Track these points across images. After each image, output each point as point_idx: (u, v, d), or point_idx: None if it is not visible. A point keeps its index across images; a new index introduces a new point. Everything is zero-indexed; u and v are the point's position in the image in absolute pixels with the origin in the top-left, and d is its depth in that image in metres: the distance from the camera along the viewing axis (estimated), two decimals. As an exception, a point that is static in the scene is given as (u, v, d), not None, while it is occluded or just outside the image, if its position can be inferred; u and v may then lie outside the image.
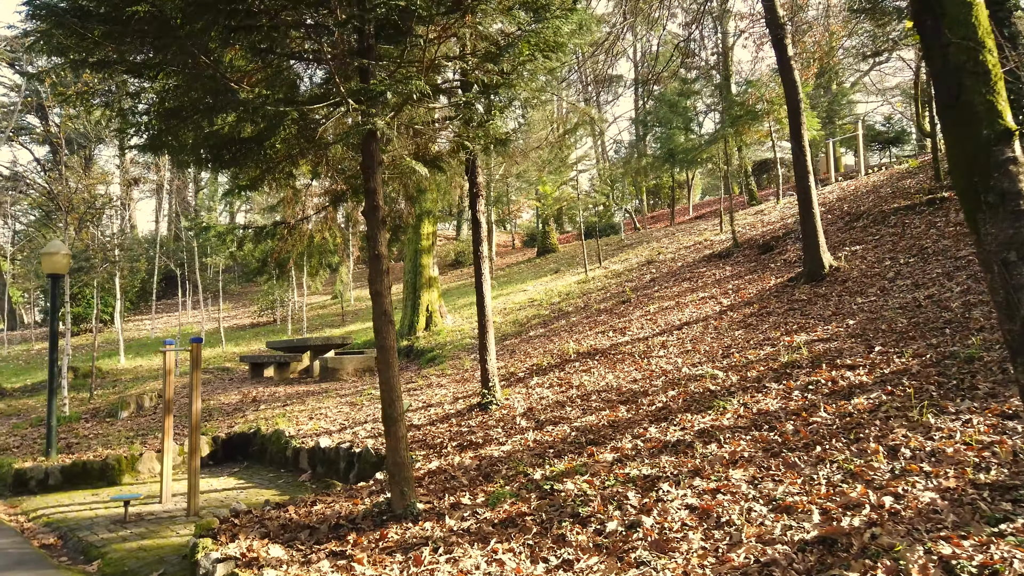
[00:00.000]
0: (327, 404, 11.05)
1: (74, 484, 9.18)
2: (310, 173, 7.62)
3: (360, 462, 8.16)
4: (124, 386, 15.40)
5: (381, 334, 5.54)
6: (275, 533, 5.36)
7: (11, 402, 15.29)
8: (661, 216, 37.72)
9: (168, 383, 8.21)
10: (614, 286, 15.13)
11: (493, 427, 7.58)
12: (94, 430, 11.72)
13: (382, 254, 5.62)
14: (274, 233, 8.88)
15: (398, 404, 5.50)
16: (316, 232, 9.21)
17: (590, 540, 4.38)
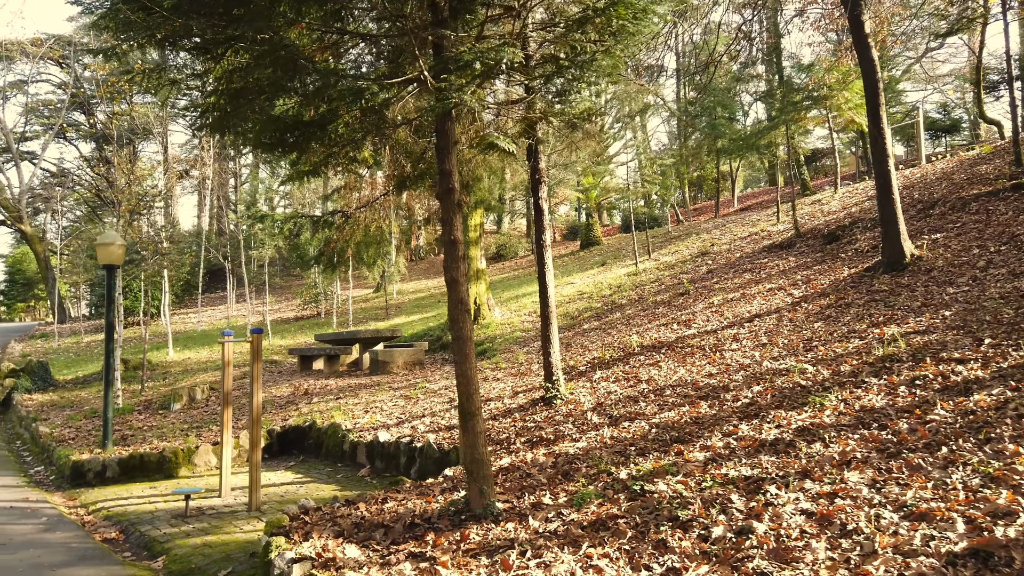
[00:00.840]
0: (381, 397, 10.83)
1: (131, 476, 9.09)
2: (371, 158, 7.36)
3: (422, 457, 7.90)
4: (174, 378, 15.42)
5: (457, 324, 5.24)
6: (349, 532, 5.10)
7: (64, 394, 15.41)
8: (704, 208, 36.97)
9: (226, 375, 8.04)
10: (668, 278, 14.68)
11: (562, 422, 7.25)
12: (148, 422, 11.68)
13: (458, 239, 5.32)
14: (331, 222, 8.66)
15: (476, 398, 5.20)
16: (371, 221, 8.97)
17: (695, 547, 4.02)
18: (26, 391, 15.56)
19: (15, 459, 10.85)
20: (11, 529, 6.87)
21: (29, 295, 47.84)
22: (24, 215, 30.86)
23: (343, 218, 8.68)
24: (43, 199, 36.74)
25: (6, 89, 37.41)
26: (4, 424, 13.86)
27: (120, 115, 39.81)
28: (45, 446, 10.98)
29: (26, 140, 39.92)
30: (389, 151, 7.14)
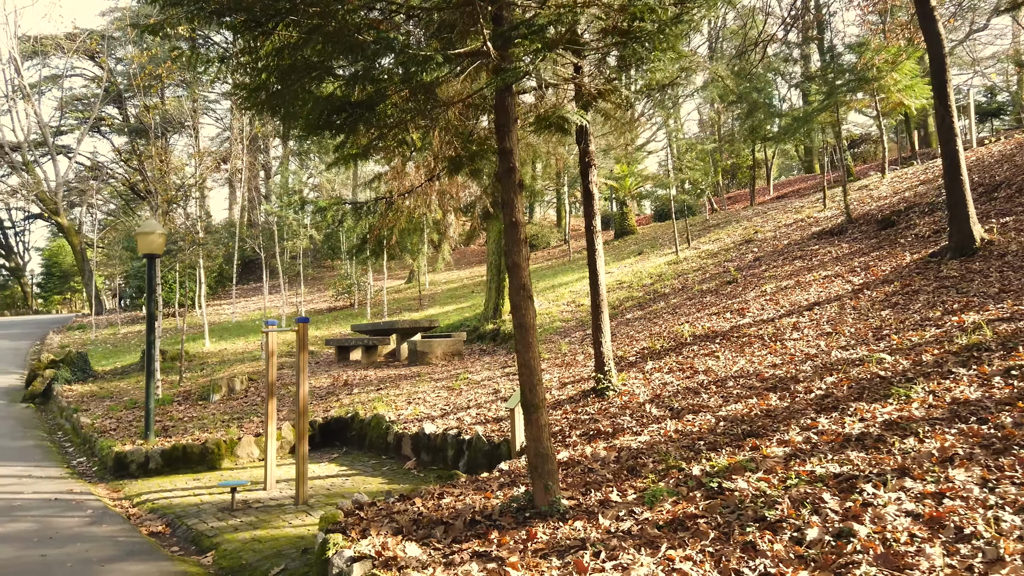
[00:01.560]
0: (423, 388, 10.61)
1: (174, 468, 8.98)
2: (418, 141, 7.10)
3: (470, 450, 7.66)
4: (212, 369, 15.38)
5: (520, 311, 4.96)
6: (407, 529, 4.86)
7: (103, 384, 15.45)
8: (738, 197, 36.26)
9: (271, 365, 7.86)
10: (712, 266, 14.27)
11: (618, 415, 6.95)
12: (188, 413, 11.60)
13: (520, 222, 5.03)
14: (375, 209, 8.43)
15: (539, 389, 4.92)
16: (414, 208, 8.72)
17: (788, 550, 3.71)
18: (66, 382, 15.63)
19: (57, 450, 10.83)
20: (58, 522, 6.76)
21: (65, 287, 48.61)
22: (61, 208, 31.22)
23: (386, 205, 8.45)
24: (78, 192, 37.19)
25: (41, 84, 37.86)
26: (45, 415, 13.91)
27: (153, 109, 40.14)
28: (87, 437, 10.95)
29: (61, 134, 40.42)
30: (438, 133, 6.87)
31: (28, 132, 36.51)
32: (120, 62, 40.71)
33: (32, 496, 7.80)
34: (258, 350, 17.03)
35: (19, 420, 13.06)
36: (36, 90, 36.72)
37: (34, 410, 14.27)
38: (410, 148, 6.93)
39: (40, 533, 6.36)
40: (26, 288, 49.66)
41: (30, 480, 8.62)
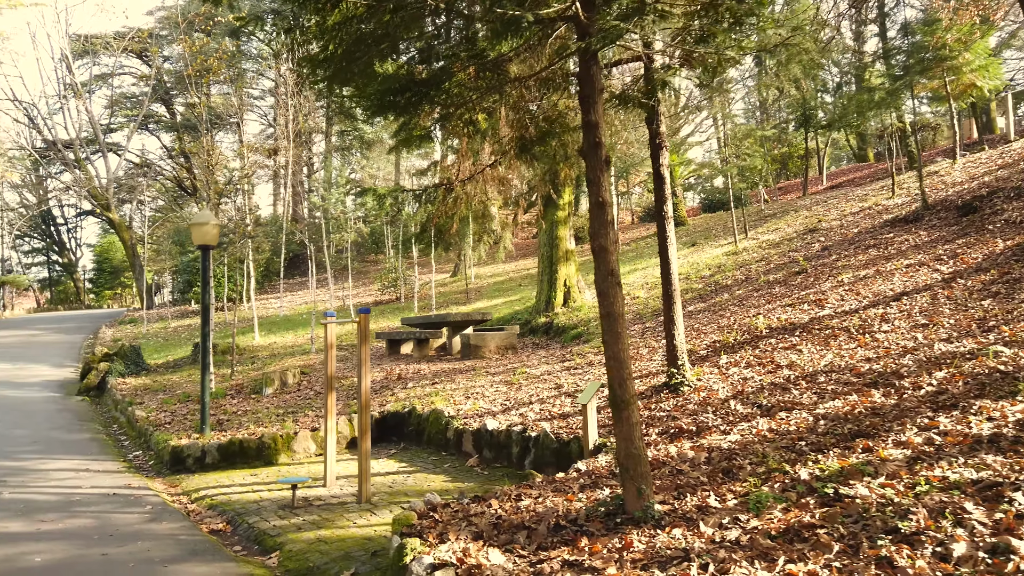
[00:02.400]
0: (480, 383, 10.29)
1: (231, 463, 8.80)
2: (483, 122, 6.74)
3: (537, 447, 7.29)
4: (262, 363, 15.30)
5: (608, 298, 4.56)
6: (488, 534, 4.51)
7: (156, 377, 15.49)
8: (789, 187, 35.23)
9: (330, 358, 7.59)
10: (776, 256, 13.66)
11: (698, 412, 6.51)
12: (241, 407, 11.46)
13: (606, 201, 4.63)
14: (434, 196, 8.10)
15: (630, 384, 4.52)
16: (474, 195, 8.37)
17: (933, 567, 3.25)
18: (120, 375, 15.71)
19: (113, 443, 10.77)
20: (117, 518, 6.58)
21: (115, 283, 49.63)
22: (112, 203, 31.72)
23: (446, 191, 8.12)
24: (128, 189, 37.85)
25: (92, 82, 38.58)
26: (100, 408, 13.96)
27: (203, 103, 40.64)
28: (142, 430, 10.87)
29: (111, 131, 41.19)
30: (504, 112, 6.50)
31: (80, 130, 37.25)
32: (167, 60, 41.32)
33: (90, 491, 7.67)
34: (307, 344, 16.93)
35: (75, 413, 13.11)
36: (87, 88, 37.41)
37: (89, 403, 14.34)
38: (476, 129, 6.58)
39: (100, 530, 6.18)
40: (79, 283, 50.87)
41: (88, 474, 8.52)
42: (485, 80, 5.89)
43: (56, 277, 53.16)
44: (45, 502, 7.17)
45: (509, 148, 6.52)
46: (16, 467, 8.86)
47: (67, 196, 47.44)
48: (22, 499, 7.29)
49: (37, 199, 44.42)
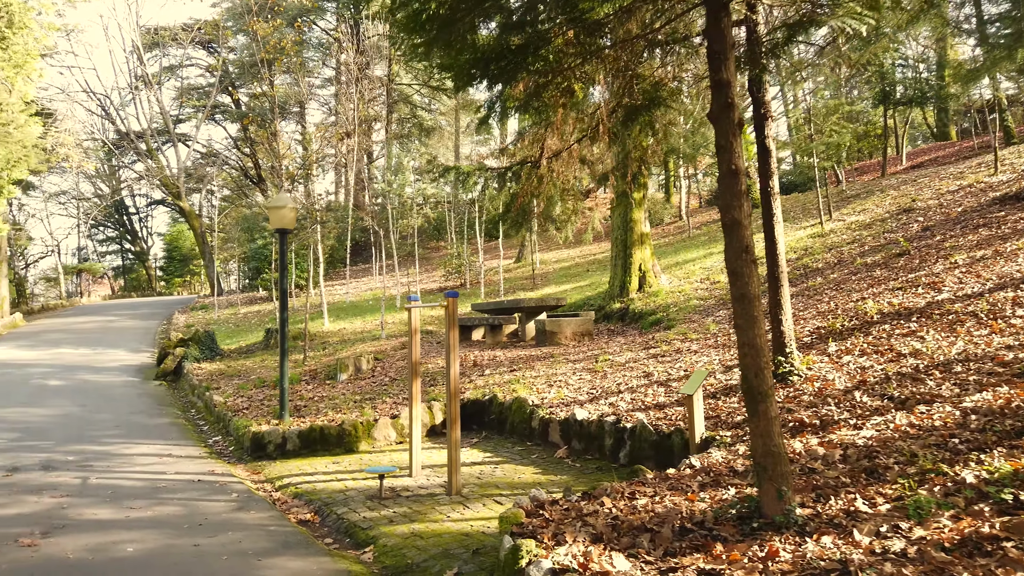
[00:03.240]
0: (560, 371, 9.90)
1: (312, 450, 8.64)
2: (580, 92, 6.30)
3: (633, 440, 6.86)
4: (334, 348, 15.25)
5: (742, 278, 4.09)
6: (607, 536, 4.11)
7: (230, 363, 15.60)
8: (864, 168, 33.63)
9: (414, 343, 7.31)
10: (869, 238, 12.84)
11: (817, 404, 5.97)
12: (317, 392, 11.35)
13: (739, 168, 4.15)
14: (519, 173, 7.72)
15: (767, 374, 4.05)
16: (561, 174, 7.94)
17: None
18: (195, 360, 15.88)
19: (193, 428, 10.79)
20: (205, 506, 6.44)
21: (185, 270, 50.98)
22: (182, 192, 32.40)
23: (532, 167, 7.71)
24: (197, 178, 38.68)
25: (161, 74, 39.47)
26: (177, 392, 14.10)
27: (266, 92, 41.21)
28: (220, 415, 10.86)
29: (180, 122, 42.13)
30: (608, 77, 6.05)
31: (151, 120, 38.18)
32: (232, 51, 41.96)
33: (175, 477, 7.59)
34: (377, 329, 16.83)
35: (154, 398, 13.26)
36: (157, 80, 38.29)
37: (167, 387, 14.52)
38: (573, 99, 6.14)
39: (189, 519, 6.03)
40: (150, 271, 52.48)
41: (171, 459, 8.47)
42: (585, 44, 5.46)
43: (129, 265, 54.97)
44: (132, 488, 7.11)
45: (611, 117, 6.06)
46: (101, 451, 8.89)
47: (139, 186, 48.90)
48: (109, 484, 7.24)
49: (111, 189, 45.87)
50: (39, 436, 9.75)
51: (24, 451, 8.86)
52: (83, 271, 50.41)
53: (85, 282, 50.43)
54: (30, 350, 19.21)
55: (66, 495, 6.82)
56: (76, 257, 53.00)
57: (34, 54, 22.79)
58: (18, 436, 9.77)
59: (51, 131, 25.80)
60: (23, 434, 9.89)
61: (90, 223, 49.84)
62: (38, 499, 6.68)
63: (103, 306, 34.73)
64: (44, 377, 14.98)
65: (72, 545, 5.32)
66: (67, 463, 8.23)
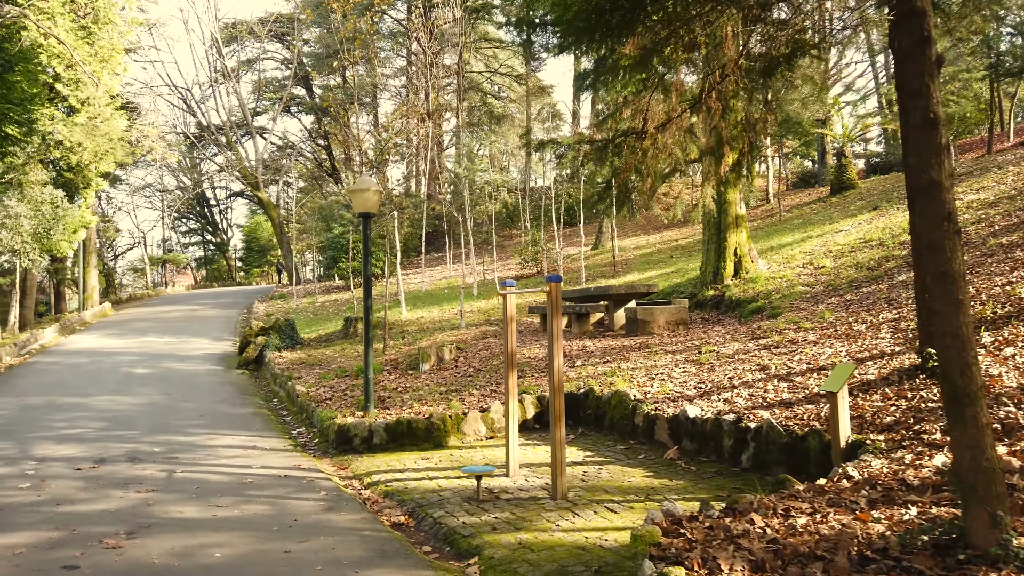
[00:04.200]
0: (660, 362, 9.17)
1: (399, 444, 8.19)
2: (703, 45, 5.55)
3: (758, 441, 6.10)
4: (412, 337, 14.89)
5: (940, 252, 3.31)
6: (770, 564, 3.42)
7: (310, 352, 15.44)
8: (966, 145, 31.33)
9: (510, 332, 6.74)
10: (998, 217, 11.58)
11: (991, 405, 5.09)
12: (400, 383, 10.96)
13: (938, 117, 3.37)
14: (622, 146, 7.02)
15: (975, 371, 3.27)
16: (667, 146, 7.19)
17: None
18: (276, 349, 15.81)
19: (276, 419, 10.55)
20: (293, 505, 6.04)
21: (263, 261, 52.16)
22: (260, 183, 32.86)
23: (637, 138, 7.00)
24: (273, 170, 39.29)
25: (239, 67, 40.19)
26: (259, 381, 14.01)
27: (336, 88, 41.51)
28: (303, 406, 10.59)
29: (257, 115, 42.88)
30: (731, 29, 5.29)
31: (229, 113, 38.94)
32: (307, 43, 42.41)
33: (261, 471, 7.26)
34: (456, 318, 16.41)
35: (236, 386, 13.17)
36: (235, 73, 38.98)
37: (248, 376, 14.46)
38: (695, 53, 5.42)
39: (277, 519, 5.63)
40: (230, 261, 53.92)
41: (256, 452, 8.17)
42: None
43: (210, 256, 56.64)
44: (218, 483, 6.79)
45: (738, 73, 5.30)
46: (186, 442, 8.68)
47: (219, 178, 50.18)
48: (195, 479, 6.95)
49: (192, 182, 47.18)
50: (126, 425, 9.66)
51: (112, 441, 8.73)
52: (167, 262, 52.19)
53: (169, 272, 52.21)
54: (118, 338, 19.64)
55: (152, 489, 6.54)
56: (161, 248, 54.97)
57: (119, 48, 23.27)
58: (106, 425, 9.70)
59: (135, 124, 26.40)
60: (111, 423, 9.82)
61: (173, 215, 51.49)
62: (124, 494, 6.42)
63: (186, 295, 35.70)
64: (131, 365, 15.16)
65: (157, 548, 4.96)
66: (153, 454, 8.02)
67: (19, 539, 5.18)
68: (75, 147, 21.91)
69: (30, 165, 21.36)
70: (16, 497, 6.35)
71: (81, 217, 23.07)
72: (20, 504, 6.11)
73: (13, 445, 8.63)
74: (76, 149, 22.07)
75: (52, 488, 6.64)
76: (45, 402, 11.40)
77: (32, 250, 21.02)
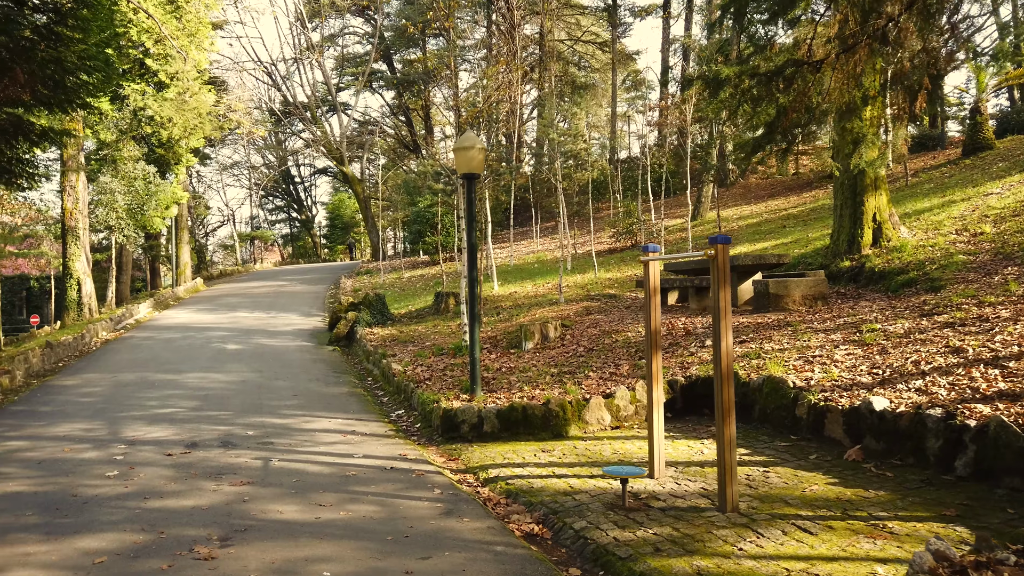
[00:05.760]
0: (811, 343, 7.89)
1: (513, 433, 7.24)
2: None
3: (982, 444, 4.82)
4: (508, 313, 13.97)
5: None
6: None
7: (402, 328, 14.75)
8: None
9: (652, 306, 5.63)
10: None
11: None
12: (503, 363, 10.04)
13: None
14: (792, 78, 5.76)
15: None
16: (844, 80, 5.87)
17: None
18: (367, 325, 15.20)
19: (372, 399, 9.82)
20: (406, 507, 5.16)
21: (346, 237, 52.48)
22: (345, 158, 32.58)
23: (812, 70, 5.72)
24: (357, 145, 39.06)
25: (322, 43, 40.00)
26: (351, 358, 13.40)
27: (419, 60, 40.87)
28: (400, 386, 9.81)
29: (340, 90, 42.73)
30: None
31: (314, 88, 38.85)
32: (388, 16, 41.85)
33: (364, 462, 6.45)
34: (553, 293, 15.39)
35: (328, 364, 12.58)
36: (319, 47, 38.82)
37: (340, 353, 13.88)
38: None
39: (391, 525, 4.75)
40: (315, 238, 54.55)
41: (356, 438, 7.40)
42: None
43: (296, 233, 57.51)
44: (318, 475, 6.01)
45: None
46: (281, 425, 8.01)
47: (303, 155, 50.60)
48: (293, 470, 6.20)
49: (277, 159, 47.67)
50: (218, 405, 9.10)
51: (204, 422, 8.15)
52: (255, 238, 53.22)
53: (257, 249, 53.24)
54: (210, 314, 19.56)
55: (247, 482, 5.81)
56: (249, 226, 56.10)
57: (205, 23, 23.07)
58: (198, 404, 9.17)
59: (223, 100, 26.36)
60: (203, 402, 9.29)
61: (260, 193, 52.34)
62: (217, 486, 5.71)
63: (274, 272, 36.03)
64: (223, 341, 14.84)
65: (256, 560, 4.15)
66: (247, 439, 7.35)
67: (101, 543, 4.48)
68: (165, 122, 21.89)
69: (123, 141, 21.45)
70: (103, 488, 5.72)
71: (173, 193, 23.16)
72: (106, 497, 5.47)
73: (104, 425, 8.16)
74: (167, 124, 22.06)
75: (141, 477, 6.01)
76: (138, 379, 11.04)
77: (127, 226, 21.17)
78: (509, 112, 20.07)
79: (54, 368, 12.60)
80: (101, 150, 22.79)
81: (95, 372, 11.77)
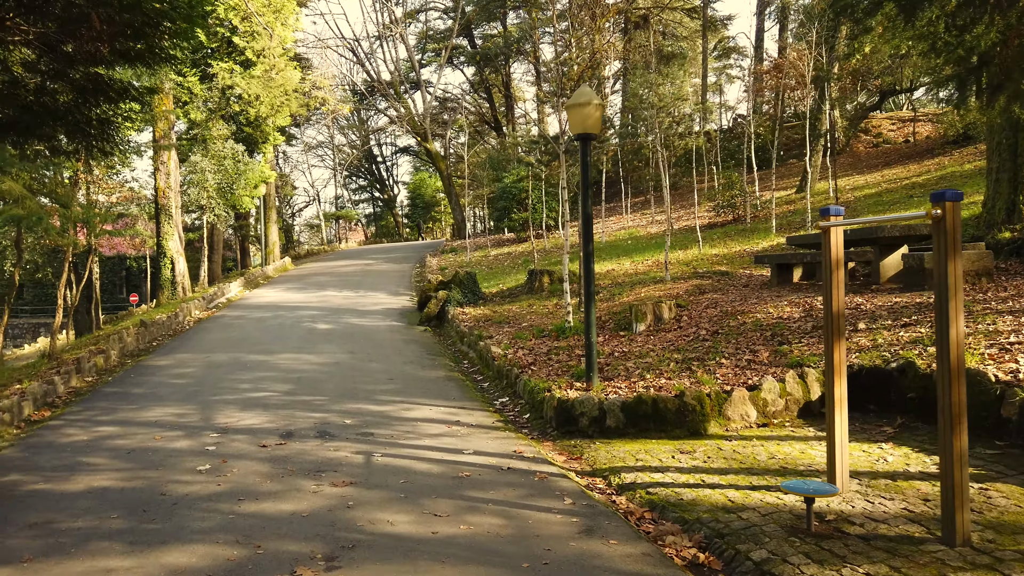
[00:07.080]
0: (1000, 327, 6.61)
1: (641, 429, 6.31)
2: None
3: None
4: (608, 292, 12.98)
5: None
6: None
7: (494, 308, 13.99)
8: None
9: (835, 283, 4.57)
10: None
11: None
12: (613, 347, 9.11)
13: None
14: None
15: None
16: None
17: None
18: (458, 304, 14.52)
19: (472, 384, 9.08)
20: (536, 520, 4.33)
21: (427, 216, 52.36)
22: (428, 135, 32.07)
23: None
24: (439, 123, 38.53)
25: (404, 19, 39.53)
26: (443, 339, 12.73)
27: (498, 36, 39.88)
28: (502, 371, 9.02)
29: (422, 67, 42.27)
30: None
31: (397, 64, 38.49)
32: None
33: (476, 460, 5.67)
34: (656, 270, 14.29)
35: (421, 345, 11.94)
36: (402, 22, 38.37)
37: (431, 334, 13.24)
38: None
39: (522, 546, 3.93)
40: (397, 218, 54.68)
41: (461, 430, 6.64)
42: None
43: (379, 212, 57.83)
44: (427, 475, 5.26)
45: None
46: (380, 413, 7.34)
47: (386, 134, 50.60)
48: (398, 467, 5.47)
49: (360, 139, 47.78)
50: (312, 389, 8.54)
51: (298, 408, 7.57)
52: (340, 218, 53.77)
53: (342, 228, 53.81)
54: (299, 292, 19.36)
55: (350, 482, 5.11)
56: (333, 205, 56.76)
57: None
58: (292, 388, 8.64)
59: (308, 77, 26.16)
60: (296, 386, 8.75)
61: (344, 173, 52.72)
62: (317, 486, 5.03)
63: (359, 251, 36.04)
64: (313, 320, 14.45)
65: (370, 594, 3.40)
66: (345, 428, 6.71)
67: (191, 558, 3.83)
68: (253, 100, 21.77)
69: (212, 120, 21.44)
70: (193, 485, 5.13)
71: (261, 172, 23.11)
72: (196, 497, 4.86)
73: (197, 410, 7.69)
74: (254, 102, 21.94)
75: (234, 473, 5.40)
76: (230, 359, 10.66)
77: (217, 205, 21.20)
78: (601, 79, 18.89)
79: (148, 347, 12.44)
80: (191, 129, 22.91)
81: (188, 352, 11.49)
